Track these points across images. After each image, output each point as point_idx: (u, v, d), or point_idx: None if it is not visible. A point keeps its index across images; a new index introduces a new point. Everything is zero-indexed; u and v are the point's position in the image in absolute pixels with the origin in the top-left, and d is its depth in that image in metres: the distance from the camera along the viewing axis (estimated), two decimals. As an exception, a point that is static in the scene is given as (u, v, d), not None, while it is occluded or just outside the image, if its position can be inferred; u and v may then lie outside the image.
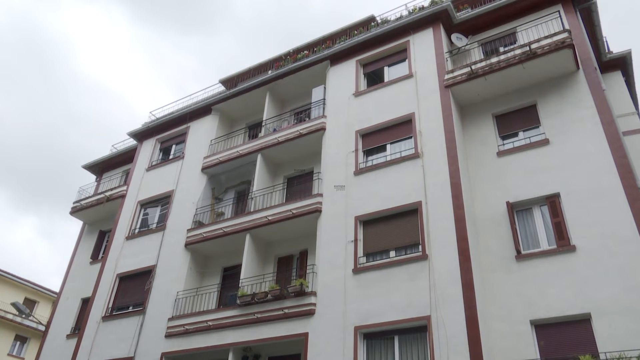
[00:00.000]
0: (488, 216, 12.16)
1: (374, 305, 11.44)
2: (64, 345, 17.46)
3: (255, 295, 13.10)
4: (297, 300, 12.53)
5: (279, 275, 14.50)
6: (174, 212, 17.10)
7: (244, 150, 16.72)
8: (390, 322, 11.06)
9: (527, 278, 10.92)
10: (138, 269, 16.54)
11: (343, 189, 12.94)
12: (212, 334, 13.41)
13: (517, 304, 10.74)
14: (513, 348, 10.12)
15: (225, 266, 15.77)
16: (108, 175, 22.26)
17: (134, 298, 16.11)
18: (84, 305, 18.16)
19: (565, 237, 11.00)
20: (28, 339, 31.81)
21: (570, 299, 10.25)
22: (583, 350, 9.34)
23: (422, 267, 11.34)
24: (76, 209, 20.70)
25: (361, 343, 11.30)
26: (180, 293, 14.97)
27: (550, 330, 10.32)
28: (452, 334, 10.19)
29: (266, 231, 14.68)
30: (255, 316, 12.87)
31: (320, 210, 13.73)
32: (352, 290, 11.96)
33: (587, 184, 11.25)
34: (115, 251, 17.67)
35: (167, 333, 14.25)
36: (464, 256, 10.98)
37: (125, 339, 15.05)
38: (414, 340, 10.87)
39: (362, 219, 12.97)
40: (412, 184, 12.62)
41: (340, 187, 13.03)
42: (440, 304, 10.64)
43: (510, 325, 10.58)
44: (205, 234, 15.57)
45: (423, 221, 11.92)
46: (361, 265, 12.25)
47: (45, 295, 33.51)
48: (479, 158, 13.09)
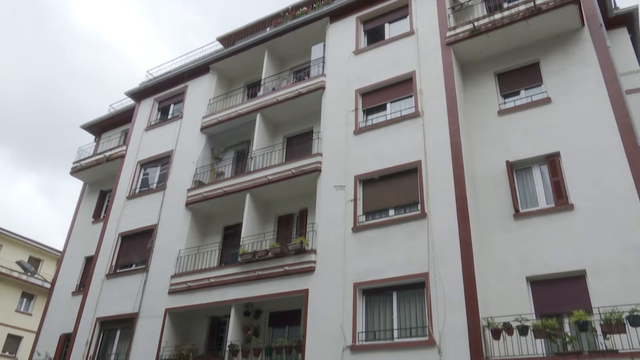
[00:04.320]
0: (487, 175, 12.21)
1: (373, 262, 11.63)
2: (69, 301, 17.87)
3: (256, 253, 13.31)
4: (298, 258, 12.73)
5: (279, 234, 14.67)
6: (174, 172, 17.15)
7: (243, 109, 16.61)
8: (389, 279, 11.28)
9: (525, 236, 11.07)
10: (140, 228, 16.73)
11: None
12: (214, 291, 13.70)
13: (513, 262, 10.93)
14: (508, 304, 10.35)
15: (226, 225, 15.94)
16: (107, 135, 22.20)
17: (136, 256, 16.37)
18: (87, 263, 18.46)
19: (563, 196, 11.08)
20: (34, 296, 32.52)
21: (566, 256, 10.41)
22: (577, 305, 9.56)
23: (420, 225, 11.47)
24: (76, 169, 20.75)
25: (360, 299, 11.56)
26: (182, 251, 15.20)
27: (546, 286, 10.54)
28: (449, 290, 10.41)
29: (266, 190, 14.76)
30: (256, 273, 13.11)
31: (320, 170, 13.77)
32: (351, 248, 12.13)
33: (588, 143, 11.23)
34: (117, 211, 17.83)
35: (170, 290, 14.56)
36: (462, 215, 11.08)
37: (129, 295, 15.38)
38: (411, 296, 11.13)
39: (362, 178, 13.02)
40: (412, 143, 12.59)
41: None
42: (438, 262, 10.82)
43: (506, 282, 10.80)
44: (206, 193, 15.66)
45: (422, 180, 11.97)
46: (361, 224, 12.39)
47: (50, 253, 34.04)
48: (480, 117, 13.01)
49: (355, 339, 11.04)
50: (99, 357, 15.38)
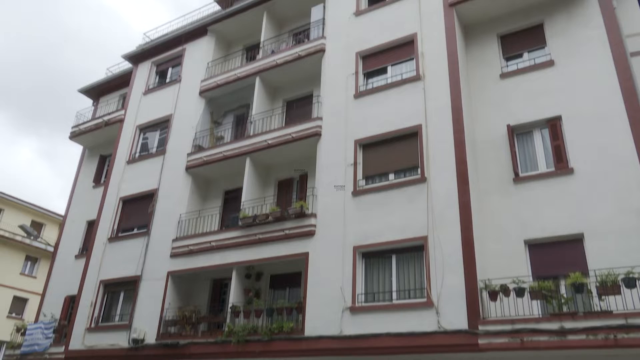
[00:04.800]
0: (488, 139, 12.17)
1: (372, 226, 11.73)
2: (73, 265, 18.12)
3: (256, 217, 13.40)
4: (298, 222, 12.83)
5: (279, 198, 14.74)
6: (173, 136, 17.09)
7: (241, 73, 16.40)
8: (389, 242, 11.40)
9: (524, 200, 11.12)
10: (140, 193, 16.81)
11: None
12: (215, 254, 13.86)
13: (512, 225, 11.02)
14: (506, 266, 10.49)
15: (226, 189, 16.00)
16: (105, 99, 22.01)
17: (138, 220, 16.50)
18: (89, 227, 18.62)
19: (564, 160, 11.07)
20: (38, 259, 32.95)
21: (565, 220, 10.50)
22: (573, 268, 9.68)
23: (420, 189, 11.51)
24: (75, 134, 20.67)
25: (360, 261, 11.72)
26: (183, 215, 15.31)
27: (543, 249, 10.66)
28: (447, 253, 10.54)
29: (266, 155, 14.74)
30: (257, 237, 13.24)
31: (319, 134, 13.71)
32: (351, 212, 12.21)
33: (590, 107, 11.14)
34: (117, 175, 17.86)
35: (172, 253, 14.73)
36: (462, 179, 11.10)
37: (131, 259, 15.58)
38: (410, 259, 11.28)
39: (362, 142, 12.98)
40: (413, 107, 12.49)
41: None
42: (438, 225, 10.91)
43: (504, 245, 10.93)
44: (206, 157, 15.65)
45: (423, 145, 11.93)
46: (360, 188, 12.42)
47: (52, 217, 34.29)
48: (482, 80, 12.86)
49: (355, 300, 11.25)
50: (104, 318, 15.71)
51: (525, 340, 9.00)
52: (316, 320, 11.46)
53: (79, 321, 15.68)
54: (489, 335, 9.42)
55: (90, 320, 15.51)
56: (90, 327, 15.37)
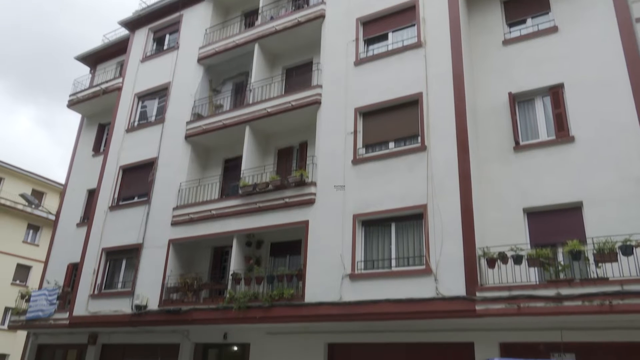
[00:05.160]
0: (489, 108, 12.08)
1: (372, 194, 11.76)
2: (74, 233, 18.25)
3: (256, 186, 13.42)
4: (298, 190, 12.86)
5: (279, 167, 14.73)
6: (172, 105, 16.96)
7: (240, 40, 16.15)
8: (388, 210, 11.46)
9: (524, 169, 11.12)
10: (140, 161, 16.78)
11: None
12: (216, 222, 13.95)
13: (511, 194, 11.06)
14: (505, 234, 10.57)
15: (226, 158, 15.97)
16: (102, 67, 21.71)
17: (138, 189, 16.54)
18: (90, 196, 18.67)
19: (565, 128, 11.02)
20: (40, 228, 33.17)
21: (564, 188, 10.52)
22: (571, 236, 9.75)
23: (420, 158, 11.49)
24: (73, 102, 20.50)
25: (359, 229, 11.80)
26: (183, 184, 15.33)
27: (542, 217, 10.73)
28: (447, 221, 10.60)
29: (266, 123, 14.65)
30: (257, 205, 13.29)
31: (319, 102, 13.59)
32: (351, 180, 12.22)
33: (593, 74, 11.02)
34: (116, 144, 17.80)
35: (173, 221, 14.82)
36: (462, 147, 11.07)
37: (133, 227, 15.68)
38: (410, 227, 11.35)
39: (362, 110, 12.88)
40: (414, 74, 12.34)
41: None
42: (437, 194, 10.93)
43: (503, 214, 10.99)
44: (205, 126, 15.57)
45: (423, 113, 11.84)
46: (360, 156, 12.40)
47: (52, 186, 34.34)
48: (484, 47, 12.68)
49: (354, 267, 11.37)
50: (106, 285, 15.93)
51: (521, 307, 9.15)
52: (316, 287, 11.61)
53: (82, 288, 15.90)
54: (486, 301, 9.56)
55: (93, 287, 15.73)
56: (93, 294, 15.60)
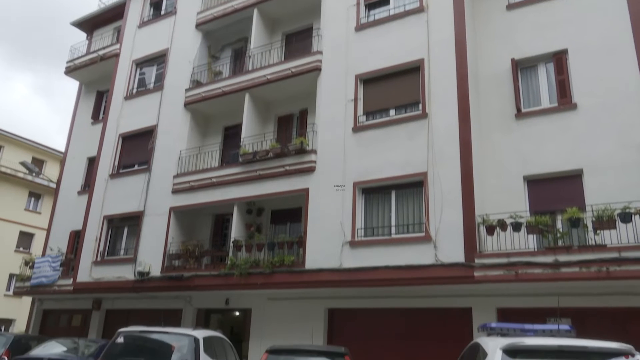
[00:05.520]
0: (491, 74, 11.95)
1: (372, 162, 11.75)
2: (76, 200, 18.33)
3: (256, 154, 13.40)
4: (298, 158, 12.84)
5: (279, 134, 14.67)
6: (170, 71, 16.76)
7: (238, 4, 15.82)
8: (388, 178, 11.47)
9: (525, 136, 11.08)
10: (140, 129, 16.71)
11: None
12: (216, 190, 13.98)
13: (512, 161, 11.05)
14: (504, 202, 10.60)
15: (226, 125, 15.89)
16: (99, 32, 21.35)
17: (138, 157, 16.51)
18: (90, 164, 18.67)
19: (567, 95, 10.92)
20: (41, 196, 33.31)
21: (565, 156, 10.50)
22: (571, 203, 9.79)
23: (421, 125, 11.43)
24: (70, 69, 20.26)
25: (360, 197, 11.84)
26: (183, 151, 15.30)
27: (542, 185, 10.75)
28: (447, 189, 10.62)
29: (265, 90, 14.51)
30: (257, 173, 13.30)
31: (320, 69, 13.42)
32: (351, 148, 12.19)
33: (597, 40, 10.85)
34: (115, 111, 17.68)
35: (174, 189, 14.86)
36: (463, 115, 10.99)
37: (134, 195, 15.74)
38: (410, 195, 11.39)
39: (363, 77, 12.74)
40: (415, 40, 12.14)
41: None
42: (437, 161, 10.92)
43: (503, 181, 11.00)
44: (204, 93, 15.43)
45: (424, 80, 11.71)
46: (361, 124, 12.33)
47: (52, 154, 34.32)
48: (487, 12, 12.44)
49: (355, 235, 11.46)
50: (109, 252, 16.10)
51: (519, 273, 9.26)
52: (316, 254, 11.73)
53: (85, 255, 16.08)
54: (485, 267, 9.67)
55: (96, 254, 15.89)
56: (96, 261, 15.78)
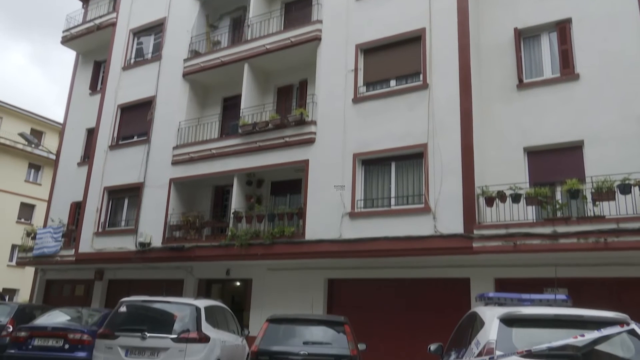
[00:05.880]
0: (493, 44, 11.79)
1: (372, 133, 11.70)
2: (76, 172, 18.33)
3: (256, 125, 13.33)
4: (298, 129, 12.78)
5: (279, 105, 14.57)
6: (168, 41, 16.52)
7: (237, -29, 15.50)
8: (388, 150, 11.44)
9: (526, 107, 11.00)
10: (138, 100, 16.57)
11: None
12: (216, 161, 13.96)
13: (513, 133, 11.00)
14: (504, 173, 10.59)
15: (225, 96, 15.76)
16: (95, 0, 20.95)
17: (137, 128, 16.44)
18: (89, 135, 18.57)
19: (570, 66, 10.80)
20: (41, 167, 33.29)
21: (566, 127, 10.45)
22: (571, 175, 9.78)
23: (422, 96, 11.33)
24: (67, 39, 19.96)
25: (359, 168, 11.84)
26: (182, 123, 15.22)
27: (542, 156, 10.73)
28: (447, 160, 10.60)
29: (264, 60, 14.33)
30: (257, 144, 13.26)
31: (319, 38, 13.23)
32: (351, 119, 12.12)
33: (602, 9, 10.67)
34: (113, 82, 17.51)
35: (173, 160, 14.84)
36: (464, 85, 10.89)
37: (133, 166, 15.72)
38: (409, 166, 11.38)
39: (363, 47, 12.57)
40: (417, 9, 11.92)
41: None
42: (438, 132, 10.87)
43: (504, 153, 10.97)
44: (203, 63, 15.24)
45: (426, 49, 11.56)
46: (361, 94, 12.23)
47: (51, 125, 34.13)
48: (491, -21, 12.18)
49: (354, 206, 11.50)
50: (110, 223, 16.18)
51: (518, 244, 9.33)
52: (316, 225, 11.80)
53: (86, 226, 16.16)
54: (483, 239, 9.74)
55: (97, 225, 15.98)
56: (97, 232, 15.88)
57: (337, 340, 7.37)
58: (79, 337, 9.10)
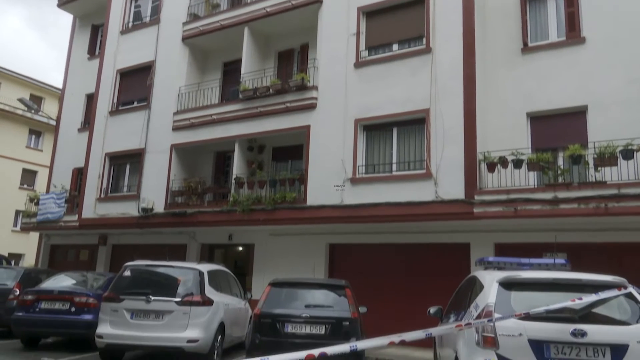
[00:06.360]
0: (498, 7, 11.55)
1: (374, 99, 11.60)
2: (76, 138, 18.28)
3: (257, 90, 13.20)
4: (299, 95, 12.67)
5: (279, 70, 14.39)
6: (166, 4, 16.19)
7: None
8: (390, 115, 11.36)
9: (531, 72, 10.86)
10: (137, 65, 16.37)
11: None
12: (217, 127, 13.90)
13: (516, 98, 10.89)
14: (507, 139, 10.53)
15: (225, 61, 15.56)
16: (90, -39, 20.43)
17: (137, 93, 16.29)
18: (89, 100, 18.43)
19: (576, 29, 10.60)
20: (42, 133, 33.19)
21: (570, 92, 10.33)
22: (574, 141, 9.71)
23: (424, 61, 11.17)
24: (63, 1, 19.57)
25: (361, 134, 11.79)
26: (182, 88, 15.07)
27: (545, 122, 10.66)
28: (449, 125, 10.54)
29: (265, 24, 14.07)
30: (257, 110, 13.16)
31: (321, 1, 12.94)
32: (353, 84, 11.99)
33: (611, -31, 10.39)
34: (112, 46, 17.26)
35: (174, 126, 14.77)
36: (468, 49, 10.72)
37: (134, 132, 15.66)
38: (411, 132, 11.33)
39: (365, 9, 12.32)
40: (421, -31, 11.64)
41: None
42: (440, 98, 10.77)
43: (506, 118, 10.89)
44: (202, 27, 14.98)
45: (429, 12, 11.33)
46: (363, 59, 12.06)
47: (50, 91, 33.83)
48: (497, -62, 11.83)
49: (356, 172, 11.51)
50: (112, 189, 16.24)
51: (518, 209, 9.36)
52: (318, 191, 11.83)
53: (89, 192, 16.23)
54: (484, 204, 9.77)
55: (100, 191, 16.05)
56: (100, 198, 15.96)
57: (338, 303, 7.48)
58: (85, 301, 9.29)
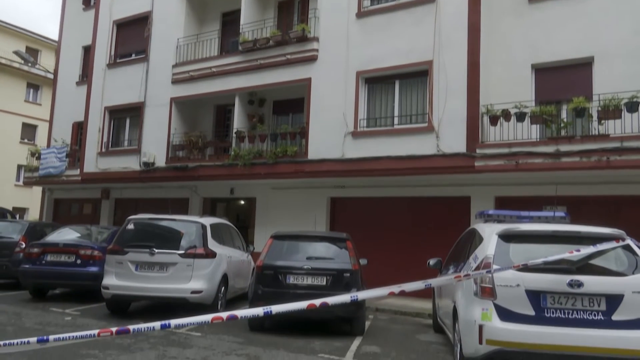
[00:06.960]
0: (506, -48, 11.12)
1: (376, 50, 11.37)
2: (75, 91, 18.08)
3: (256, 42, 12.93)
4: (299, 46, 12.41)
5: (280, 21, 14.03)
6: (162, -49, 15.64)
7: None
8: (392, 67, 11.17)
9: (537, 22, 10.59)
10: (134, 15, 15.98)
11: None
12: (216, 80, 13.70)
13: (521, 49, 10.66)
14: (510, 91, 10.36)
15: (224, 11, 15.15)
16: None
17: (135, 45, 15.99)
18: (86, 53, 18.11)
19: (585, -24, 10.23)
20: (40, 87, 32.79)
21: (576, 43, 10.11)
22: (578, 93, 9.58)
23: (428, 10, 10.87)
24: (55, -52, 18.91)
25: (362, 87, 11.63)
26: (180, 40, 14.76)
27: (550, 74, 10.47)
28: (452, 77, 10.37)
29: (264, -28, 13.65)
30: (258, 62, 12.93)
31: (322, -53, 12.49)
32: (354, 35, 11.73)
33: None
34: (107, -5, 16.81)
35: (173, 79, 14.57)
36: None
37: (133, 85, 15.45)
38: (414, 84, 11.17)
39: (368, -44, 11.89)
40: None
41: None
42: (444, 49, 10.54)
43: (511, 70, 10.69)
44: (199, -25, 14.53)
45: (434, -42, 10.92)
46: (365, 9, 11.74)
47: (46, 43, 33.18)
48: None
49: (357, 125, 11.43)
50: (113, 143, 16.21)
51: (520, 163, 9.35)
52: (319, 144, 11.79)
53: (90, 146, 16.20)
54: (486, 157, 9.75)
55: (100, 145, 16.01)
56: (101, 152, 15.94)
57: (339, 255, 7.58)
58: (90, 253, 9.43)
